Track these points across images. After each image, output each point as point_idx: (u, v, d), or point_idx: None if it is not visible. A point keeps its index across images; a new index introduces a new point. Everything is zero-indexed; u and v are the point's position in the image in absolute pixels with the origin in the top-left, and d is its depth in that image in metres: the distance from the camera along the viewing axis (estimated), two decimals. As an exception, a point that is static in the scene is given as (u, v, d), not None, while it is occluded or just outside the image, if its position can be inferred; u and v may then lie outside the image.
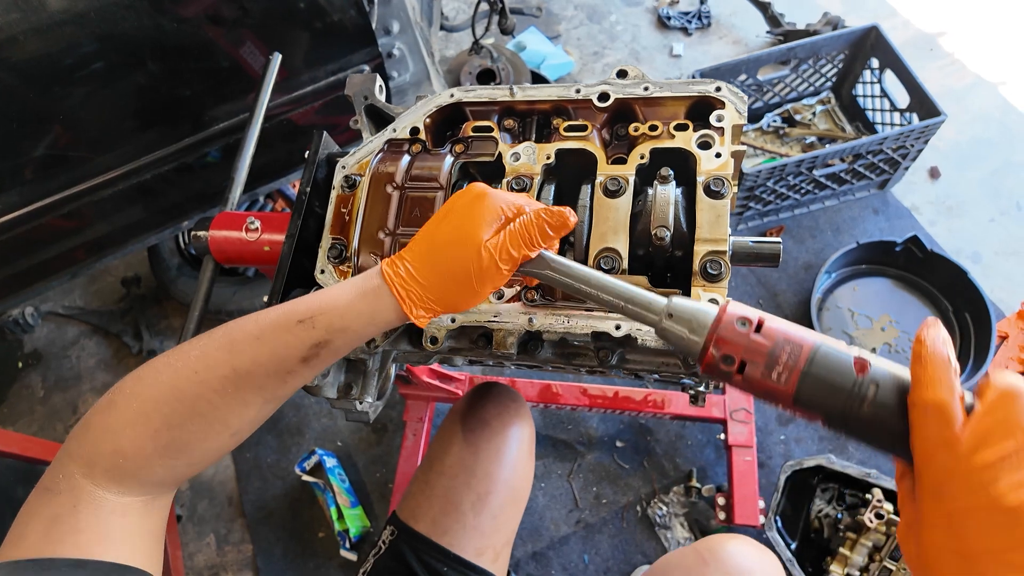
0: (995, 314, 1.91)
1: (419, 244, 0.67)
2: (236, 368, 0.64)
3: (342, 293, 0.66)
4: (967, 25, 2.58)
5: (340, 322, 0.65)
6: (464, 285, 0.65)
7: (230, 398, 0.64)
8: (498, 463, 1.16)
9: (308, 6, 1.39)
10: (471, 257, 0.64)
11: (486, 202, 0.66)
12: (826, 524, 1.68)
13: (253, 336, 0.64)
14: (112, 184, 1.48)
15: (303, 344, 0.64)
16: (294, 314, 0.65)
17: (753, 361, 0.51)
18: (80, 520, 0.59)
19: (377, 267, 0.67)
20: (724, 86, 0.81)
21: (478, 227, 0.65)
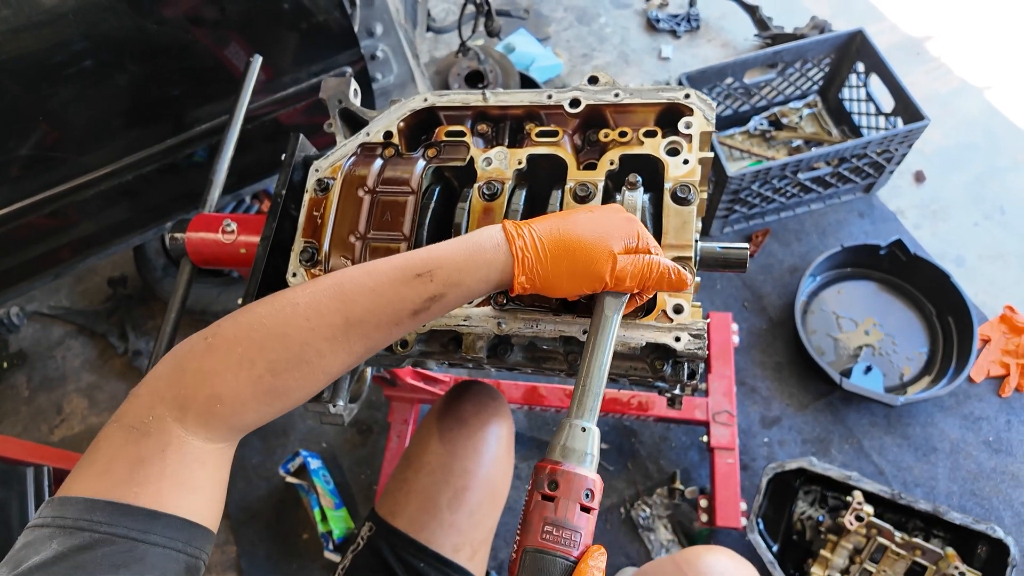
0: (977, 318, 1.92)
1: (552, 223, 0.68)
2: (348, 317, 0.63)
3: (459, 248, 0.67)
4: (953, 30, 2.60)
5: (457, 276, 0.65)
6: (573, 277, 0.67)
7: (338, 346, 0.64)
8: (476, 460, 1.17)
9: (292, 7, 1.39)
10: (597, 258, 0.66)
11: (632, 223, 0.69)
12: (808, 526, 1.69)
13: (368, 287, 0.64)
14: (97, 183, 1.48)
15: (419, 297, 0.65)
16: (411, 267, 0.65)
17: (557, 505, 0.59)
18: (167, 466, 0.58)
19: (497, 225, 0.69)
20: (693, 93, 0.82)
21: (615, 236, 0.67)
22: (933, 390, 1.83)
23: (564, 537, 0.58)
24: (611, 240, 0.67)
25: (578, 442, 0.62)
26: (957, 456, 1.82)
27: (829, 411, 1.90)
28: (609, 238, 0.67)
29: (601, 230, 0.67)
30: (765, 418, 1.91)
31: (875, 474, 1.81)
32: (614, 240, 0.67)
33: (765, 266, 2.13)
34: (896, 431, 1.86)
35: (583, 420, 0.63)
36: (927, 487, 1.79)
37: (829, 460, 1.83)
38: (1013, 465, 1.80)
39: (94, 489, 0.56)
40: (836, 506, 1.70)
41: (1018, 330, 1.96)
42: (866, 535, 1.58)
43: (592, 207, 0.72)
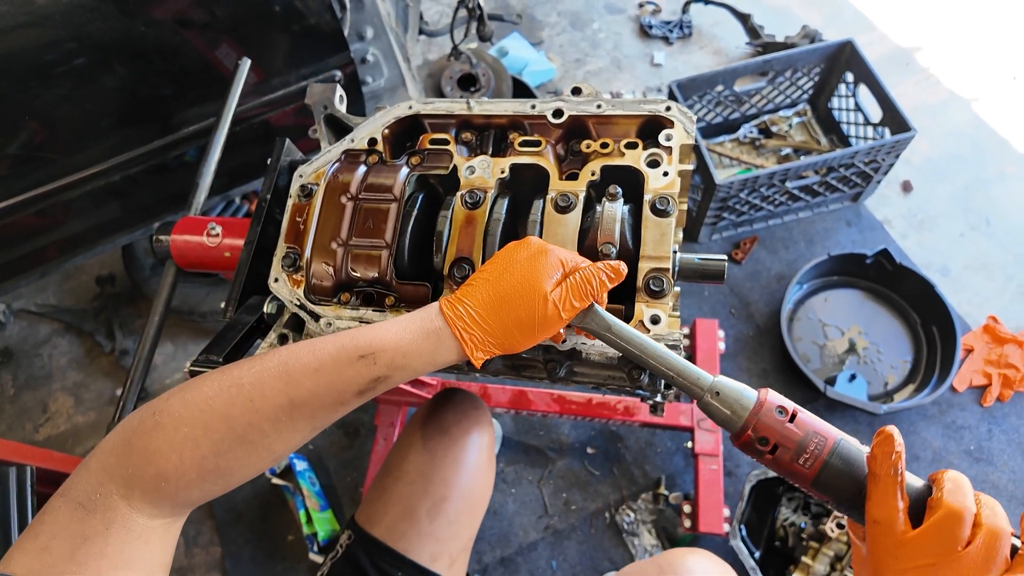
0: (961, 328, 1.94)
1: (482, 291, 0.69)
2: (292, 399, 0.64)
3: (403, 332, 0.68)
4: (943, 41, 2.62)
5: (402, 360, 0.67)
6: (527, 332, 0.69)
7: (282, 426, 0.65)
8: (456, 470, 1.18)
9: (282, 10, 1.39)
10: (537, 307, 0.68)
11: (548, 257, 0.70)
12: (791, 533, 1.70)
13: (312, 368, 0.65)
14: (85, 183, 1.48)
15: (363, 379, 0.66)
16: (355, 349, 0.66)
17: (785, 447, 0.60)
18: (109, 544, 0.59)
19: (435, 307, 0.70)
20: (674, 106, 0.82)
21: (543, 279, 0.69)
22: (916, 399, 1.85)
23: (822, 432, 0.60)
24: (540, 283, 0.69)
25: (731, 395, 0.62)
26: (939, 465, 1.84)
27: (814, 418, 1.91)
28: (537, 282, 0.69)
29: (529, 279, 0.69)
30: (750, 425, 1.92)
31: (858, 481, 1.82)
32: (542, 281, 0.69)
33: (752, 273, 2.15)
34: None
35: (706, 389, 0.63)
36: (909, 495, 1.80)
37: (813, 467, 1.85)
38: (993, 474, 1.82)
39: (33, 568, 0.56)
40: (818, 513, 1.71)
41: (1001, 340, 1.98)
42: (847, 542, 1.59)
43: (505, 258, 0.72)
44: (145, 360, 1.02)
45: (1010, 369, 1.93)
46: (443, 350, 0.68)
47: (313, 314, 0.82)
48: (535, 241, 0.73)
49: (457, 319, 0.68)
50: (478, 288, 0.70)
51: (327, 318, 0.81)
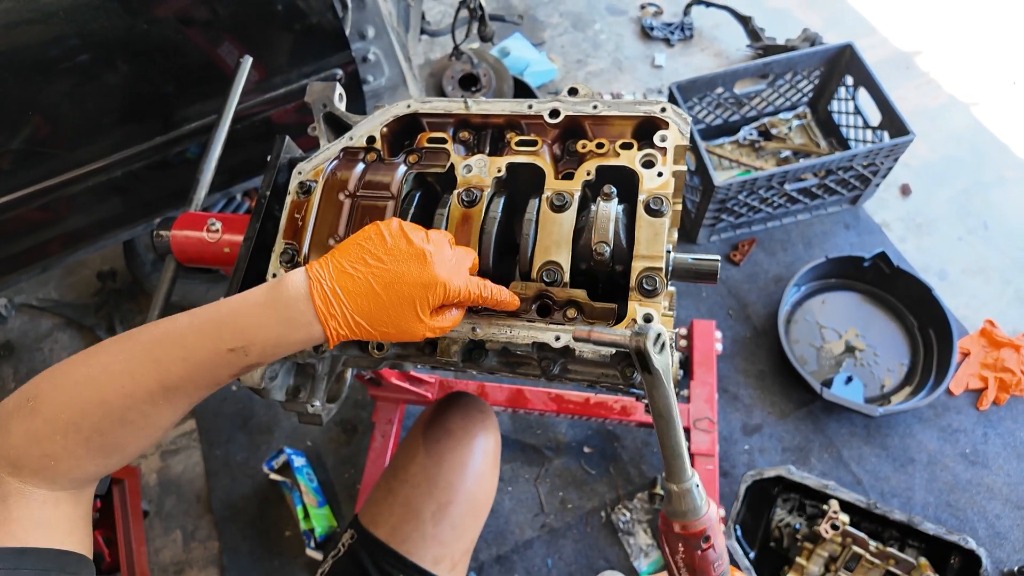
0: (958, 331, 1.95)
1: (364, 298, 0.68)
2: (165, 384, 0.65)
3: (271, 322, 0.66)
4: (943, 46, 2.63)
5: (273, 351, 0.67)
6: (391, 338, 0.72)
7: (160, 406, 0.66)
8: (460, 474, 1.18)
9: (284, 9, 1.40)
10: (412, 330, 0.70)
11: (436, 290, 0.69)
12: (785, 533, 1.71)
13: (181, 357, 0.65)
14: (88, 178, 1.49)
15: (234, 368, 0.67)
16: (223, 339, 0.66)
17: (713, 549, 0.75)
18: (12, 511, 0.60)
19: (304, 294, 0.67)
20: (669, 107, 0.83)
21: (426, 308, 0.70)
22: (912, 402, 1.85)
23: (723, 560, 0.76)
24: (423, 310, 0.70)
25: (693, 501, 0.73)
26: (934, 467, 1.84)
27: (810, 420, 1.92)
28: (420, 310, 0.69)
29: (411, 305, 0.69)
30: (746, 425, 1.93)
31: (853, 483, 1.83)
32: (425, 310, 0.70)
33: (750, 275, 2.16)
34: (875, 441, 1.88)
35: (684, 482, 0.72)
36: (904, 498, 1.81)
37: (808, 469, 1.86)
38: (988, 478, 1.82)
39: None
40: (813, 514, 1.72)
41: (997, 344, 1.98)
42: (841, 543, 1.60)
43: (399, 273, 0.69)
44: None
45: (1006, 373, 1.93)
46: (312, 339, 0.68)
47: (310, 310, 0.83)
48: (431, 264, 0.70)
49: (331, 318, 0.67)
50: (360, 293, 0.68)
51: (324, 314, 0.82)
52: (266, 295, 0.68)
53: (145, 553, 1.83)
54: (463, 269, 0.74)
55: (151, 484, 1.98)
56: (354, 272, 0.68)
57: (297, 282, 0.68)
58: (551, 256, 0.79)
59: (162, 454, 2.02)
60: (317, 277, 0.68)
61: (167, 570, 1.86)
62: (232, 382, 0.72)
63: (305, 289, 0.67)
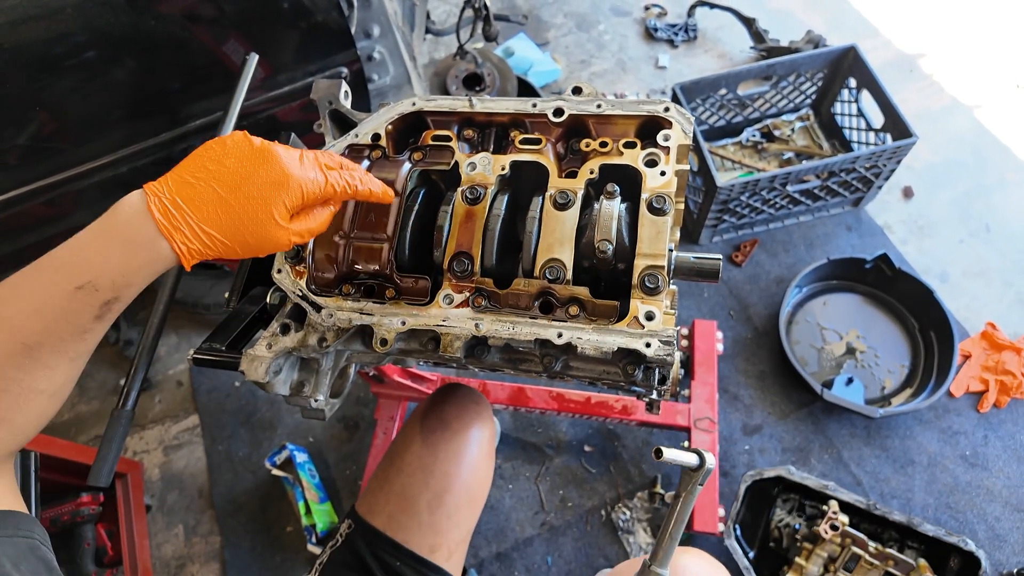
0: (959, 333, 1.95)
1: (210, 206, 0.65)
2: (25, 342, 0.61)
3: (111, 248, 0.62)
4: (946, 49, 2.63)
5: (124, 280, 0.63)
6: (251, 251, 0.69)
7: (30, 368, 0.62)
8: (456, 463, 1.19)
9: (290, 7, 1.41)
10: (271, 238, 0.67)
11: (289, 188, 0.67)
12: (785, 534, 1.71)
13: (32, 309, 0.61)
14: (93, 174, 1.50)
15: (91, 307, 0.62)
16: (68, 279, 0.61)
17: None
18: None
19: (140, 208, 0.63)
20: (672, 107, 0.84)
21: (283, 212, 0.67)
22: (913, 403, 1.86)
23: None
24: (280, 215, 0.67)
25: None
26: (934, 469, 1.85)
27: (810, 421, 1.93)
28: (277, 215, 0.67)
29: (266, 209, 0.66)
30: (747, 426, 1.94)
31: (853, 484, 1.83)
32: (283, 214, 0.67)
33: (752, 276, 2.16)
34: (875, 443, 1.89)
35: (664, 568, 0.84)
36: (904, 499, 1.81)
37: (808, 469, 1.86)
38: (988, 480, 1.83)
39: None
40: (813, 515, 1.73)
41: (998, 347, 1.98)
42: (841, 544, 1.61)
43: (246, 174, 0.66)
44: (149, 350, 1.04)
45: (1007, 376, 1.93)
46: (161, 259, 0.64)
47: (315, 305, 0.84)
48: (279, 160, 0.67)
49: (175, 231, 0.63)
50: (202, 194, 0.64)
51: (329, 309, 0.83)
52: (101, 222, 0.63)
53: (147, 547, 1.84)
54: (318, 165, 0.71)
55: (154, 479, 1.99)
56: (195, 180, 0.65)
57: (133, 200, 0.64)
58: (554, 253, 0.80)
59: (165, 449, 2.03)
60: (154, 191, 0.64)
61: (169, 564, 1.87)
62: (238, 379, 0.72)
63: (142, 205, 0.63)
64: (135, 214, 0.63)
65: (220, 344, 0.87)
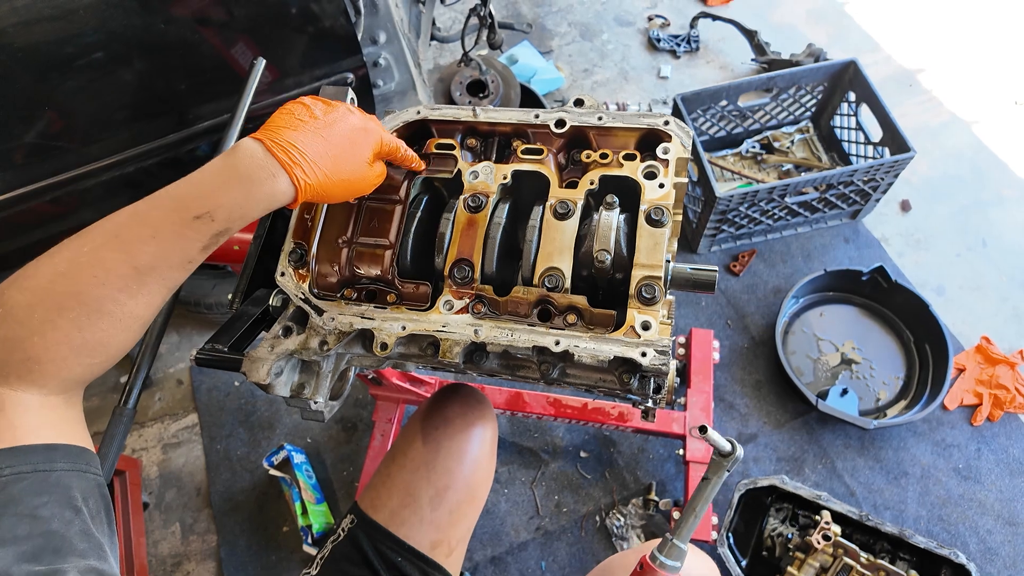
0: (954, 347, 1.97)
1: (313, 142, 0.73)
2: (137, 267, 0.64)
3: (231, 180, 0.68)
4: (946, 64, 2.66)
5: (239, 212, 0.68)
6: (347, 189, 0.78)
7: (135, 293, 0.65)
8: (458, 460, 1.20)
9: (298, 12, 1.43)
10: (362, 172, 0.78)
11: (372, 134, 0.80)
12: (778, 543, 1.72)
13: (147, 236, 0.64)
14: (99, 173, 1.51)
15: (203, 237, 0.67)
16: (187, 209, 0.66)
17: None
18: (11, 418, 0.60)
19: (259, 149, 0.69)
20: (672, 120, 0.86)
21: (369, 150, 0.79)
22: (907, 415, 1.87)
23: None
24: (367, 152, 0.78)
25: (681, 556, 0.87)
26: (927, 481, 1.86)
27: (805, 431, 1.94)
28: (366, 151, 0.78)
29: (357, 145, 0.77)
30: (742, 434, 1.95)
31: (846, 495, 1.85)
32: (369, 151, 0.79)
33: (749, 286, 2.18)
34: (869, 454, 1.90)
35: (684, 542, 0.87)
36: (896, 510, 1.83)
37: (802, 479, 1.87)
38: (981, 493, 1.84)
39: None
40: (806, 524, 1.74)
41: (993, 361, 2.00)
42: (833, 554, 1.62)
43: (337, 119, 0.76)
44: (151, 349, 1.05)
45: (1001, 390, 1.95)
46: (279, 193, 0.70)
47: (317, 308, 0.85)
48: (358, 113, 0.80)
49: (295, 166, 0.70)
50: (308, 137, 0.72)
51: (330, 312, 0.84)
52: (223, 160, 0.69)
53: (144, 545, 1.85)
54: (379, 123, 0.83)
55: (152, 476, 2.00)
56: (297, 129, 0.72)
57: (250, 144, 0.70)
58: (553, 262, 0.82)
59: (164, 447, 2.04)
60: (267, 137, 0.70)
61: (165, 562, 1.88)
62: (238, 378, 0.74)
63: (261, 147, 0.69)
64: (255, 154, 0.69)
65: (223, 345, 0.89)
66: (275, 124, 0.73)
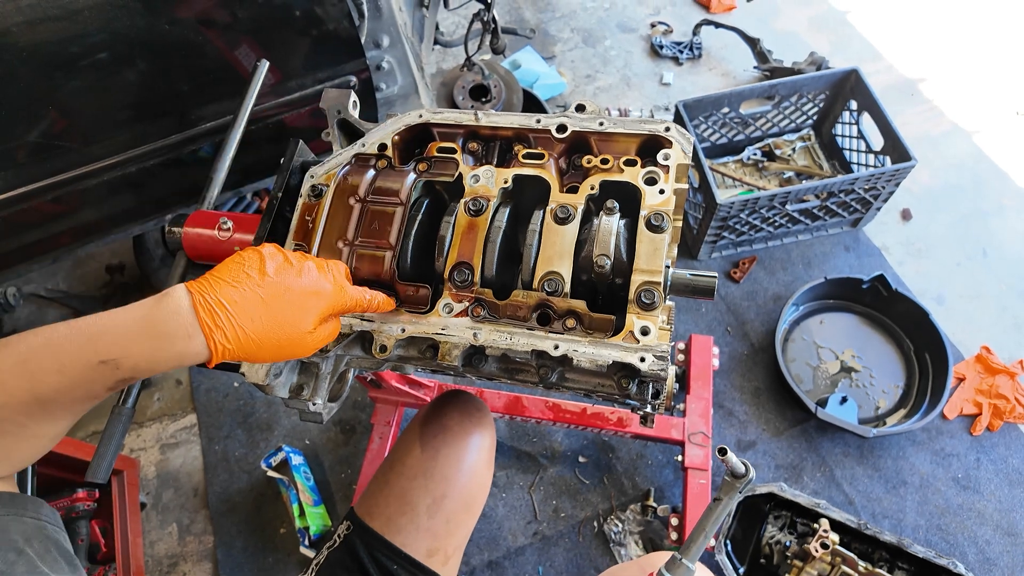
0: (954, 356, 1.97)
1: (253, 310, 0.67)
2: (39, 397, 0.63)
3: (146, 332, 0.64)
4: (948, 74, 2.66)
5: (147, 364, 0.65)
6: (277, 355, 0.72)
7: (38, 417, 0.64)
8: (456, 468, 1.20)
9: (302, 15, 1.43)
10: (300, 343, 0.72)
11: (322, 300, 0.73)
12: (776, 550, 1.72)
13: (53, 369, 0.63)
14: (101, 173, 1.51)
15: (108, 381, 0.65)
16: (96, 352, 0.63)
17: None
18: None
19: (186, 307, 0.65)
20: (673, 127, 0.86)
21: (314, 320, 0.72)
22: (906, 424, 1.87)
23: None
24: (311, 321, 0.71)
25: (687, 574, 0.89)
26: (926, 491, 1.86)
27: (804, 438, 1.94)
28: (308, 321, 0.71)
29: (300, 316, 0.70)
30: (741, 441, 1.95)
31: (845, 503, 1.84)
32: (313, 321, 0.72)
33: (750, 293, 2.18)
34: (868, 462, 1.90)
35: (692, 562, 0.88)
36: (895, 519, 1.82)
37: (801, 487, 1.87)
38: (980, 503, 1.84)
39: None
40: (804, 532, 1.73)
41: (993, 371, 2.00)
42: (831, 563, 1.61)
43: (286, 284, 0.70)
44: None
45: (1001, 399, 1.95)
46: (191, 354, 0.66)
47: (317, 309, 0.85)
48: (314, 271, 0.73)
49: (216, 330, 0.65)
50: (245, 296, 0.67)
51: (330, 314, 0.84)
52: (144, 308, 0.66)
53: (141, 545, 1.85)
54: (346, 279, 0.78)
55: (149, 477, 2.00)
56: (237, 285, 0.68)
57: (178, 295, 0.66)
58: (553, 267, 0.82)
59: (161, 447, 2.04)
60: (200, 290, 0.66)
61: (161, 563, 1.88)
62: (237, 379, 0.74)
63: (187, 302, 0.65)
64: (178, 309, 0.65)
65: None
66: (218, 275, 0.69)
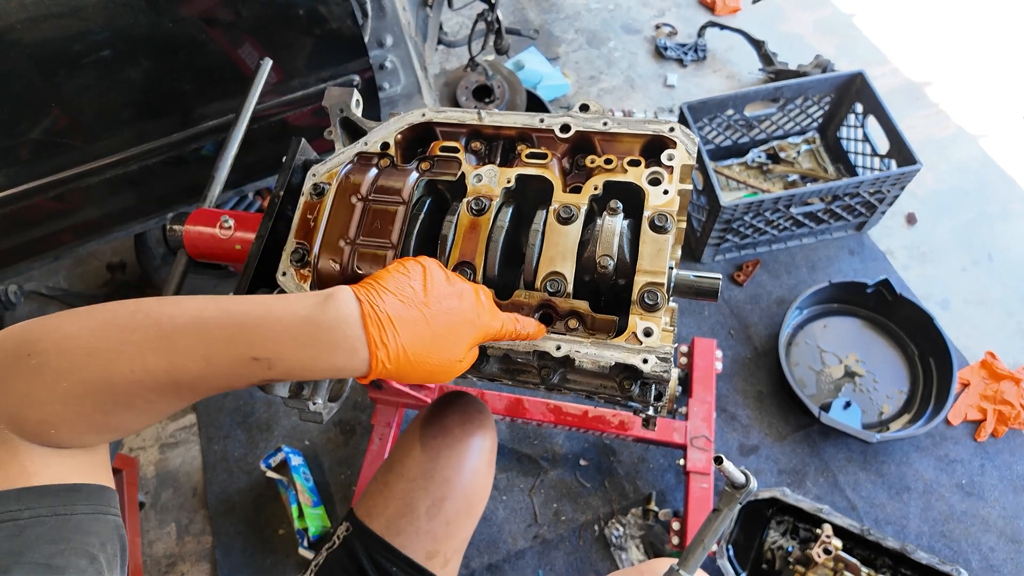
0: (958, 361, 1.96)
1: (419, 330, 0.65)
2: (177, 380, 0.59)
3: (307, 340, 0.60)
4: (953, 77, 2.65)
5: (301, 371, 0.61)
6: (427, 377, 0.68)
7: (169, 398, 0.61)
8: (457, 470, 1.19)
9: (306, 14, 1.43)
10: (452, 367, 0.69)
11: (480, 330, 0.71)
12: (778, 556, 1.71)
13: (200, 355, 0.59)
14: (103, 171, 1.51)
15: (254, 377, 0.61)
16: (250, 346, 0.59)
17: None
18: (27, 465, 0.57)
19: (356, 319, 0.61)
20: (677, 127, 0.85)
21: (468, 345, 0.70)
22: (910, 430, 1.85)
23: None
24: (465, 347, 0.70)
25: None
26: (930, 497, 1.84)
27: (807, 443, 1.93)
28: (464, 347, 0.69)
29: (458, 342, 0.68)
30: (743, 446, 1.93)
31: (848, 509, 1.83)
32: (468, 346, 0.70)
33: (753, 296, 2.17)
34: (871, 468, 1.88)
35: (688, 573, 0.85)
36: (898, 525, 1.81)
37: (804, 492, 1.86)
38: (984, 509, 1.82)
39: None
40: (807, 538, 1.72)
41: (997, 376, 1.98)
42: (833, 568, 1.60)
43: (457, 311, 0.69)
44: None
45: (1005, 405, 1.93)
46: (349, 369, 0.62)
47: (317, 309, 0.84)
48: (473, 297, 0.71)
49: (382, 347, 0.62)
50: (412, 317, 0.64)
51: (331, 313, 0.84)
52: (306, 308, 0.61)
53: (139, 545, 1.84)
54: (494, 306, 0.75)
55: (148, 476, 1.99)
56: (404, 300, 0.64)
57: (346, 300, 0.62)
58: (556, 267, 0.81)
59: (161, 447, 2.04)
60: (368, 299, 0.62)
61: (159, 563, 1.87)
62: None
63: (356, 311, 0.61)
64: (346, 317, 0.61)
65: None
66: (383, 284, 0.65)
